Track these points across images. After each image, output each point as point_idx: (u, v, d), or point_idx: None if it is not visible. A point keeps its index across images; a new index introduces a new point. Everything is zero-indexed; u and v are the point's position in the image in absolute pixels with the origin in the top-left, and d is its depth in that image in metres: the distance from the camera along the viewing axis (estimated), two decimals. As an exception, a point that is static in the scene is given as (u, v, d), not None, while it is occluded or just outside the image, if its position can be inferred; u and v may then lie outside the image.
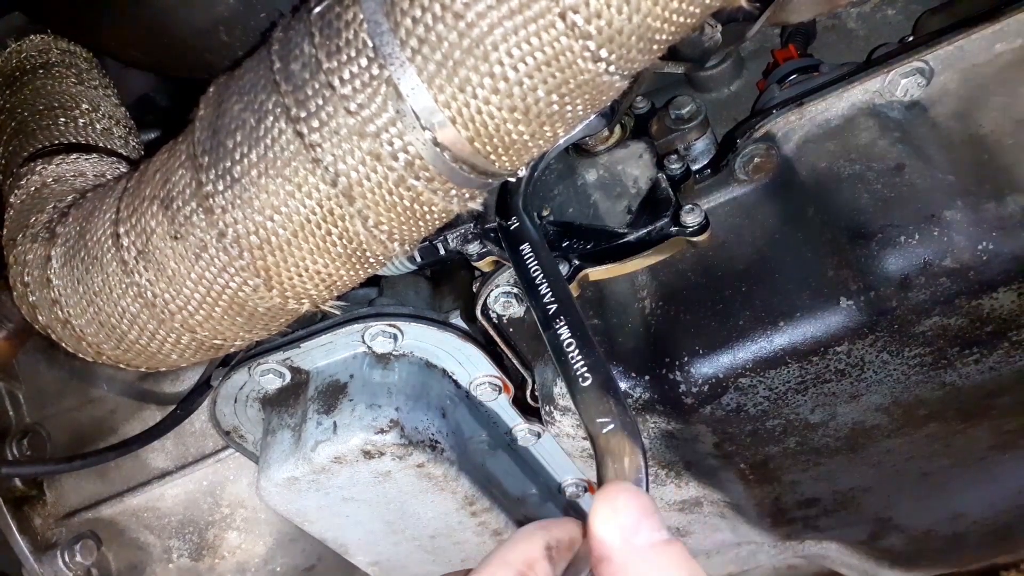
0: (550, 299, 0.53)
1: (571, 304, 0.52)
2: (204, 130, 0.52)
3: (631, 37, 0.43)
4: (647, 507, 0.38)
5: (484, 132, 0.46)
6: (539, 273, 0.57)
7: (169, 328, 0.57)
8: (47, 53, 0.81)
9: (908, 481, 0.86)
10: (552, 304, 0.53)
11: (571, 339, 0.49)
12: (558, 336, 0.50)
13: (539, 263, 0.58)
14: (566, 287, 0.54)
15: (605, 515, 0.38)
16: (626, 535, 0.37)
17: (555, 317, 0.52)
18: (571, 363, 0.48)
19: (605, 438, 0.42)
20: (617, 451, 0.41)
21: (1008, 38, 0.68)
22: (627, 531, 0.37)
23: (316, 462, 0.77)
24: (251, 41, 0.67)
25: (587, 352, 0.48)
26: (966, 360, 0.69)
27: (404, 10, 0.44)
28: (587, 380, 0.46)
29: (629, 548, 0.37)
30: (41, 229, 0.62)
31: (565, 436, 0.80)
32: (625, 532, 0.37)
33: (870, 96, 0.71)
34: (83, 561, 1.03)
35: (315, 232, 0.50)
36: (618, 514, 0.38)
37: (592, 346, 0.48)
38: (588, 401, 0.45)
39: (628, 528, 0.37)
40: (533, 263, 0.58)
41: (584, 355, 0.48)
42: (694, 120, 0.75)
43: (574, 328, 0.50)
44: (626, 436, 0.41)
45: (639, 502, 0.38)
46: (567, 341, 0.49)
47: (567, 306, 0.52)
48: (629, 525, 0.37)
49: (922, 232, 0.64)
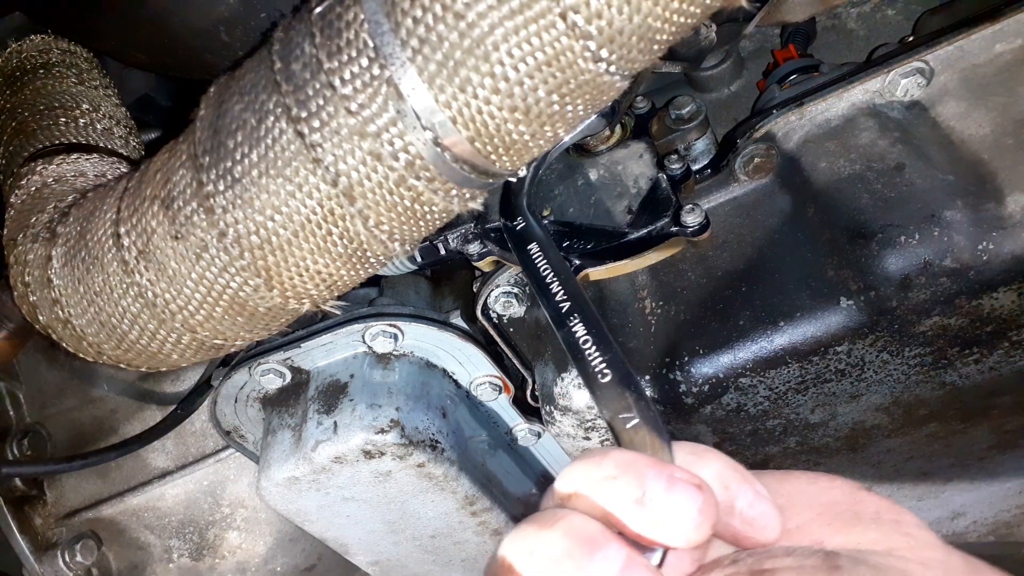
0: (562, 297, 0.53)
1: (584, 301, 0.52)
2: (205, 130, 0.52)
3: (632, 37, 0.43)
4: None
5: (485, 132, 0.46)
6: (549, 272, 0.56)
7: (170, 328, 0.57)
8: (48, 53, 0.81)
9: (908, 481, 0.86)
10: (565, 302, 0.52)
11: (587, 336, 0.49)
12: (573, 333, 0.49)
13: (548, 262, 0.58)
14: (577, 284, 0.54)
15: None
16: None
17: (569, 315, 0.51)
18: (588, 360, 0.47)
19: (629, 433, 0.41)
20: (643, 445, 0.40)
21: (1008, 38, 0.68)
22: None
23: (317, 462, 0.77)
24: (251, 41, 0.67)
25: (604, 348, 0.47)
26: (966, 360, 0.69)
27: (405, 10, 0.44)
28: (606, 376, 0.45)
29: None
30: (42, 229, 0.62)
31: (565, 436, 0.80)
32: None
33: (870, 96, 0.71)
34: (83, 561, 1.03)
35: (316, 232, 0.50)
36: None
37: (609, 341, 0.48)
38: (609, 397, 0.44)
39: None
40: (542, 262, 0.58)
41: (601, 351, 0.47)
42: (694, 120, 0.75)
43: (589, 324, 0.49)
44: (651, 430, 0.41)
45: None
46: (583, 338, 0.49)
47: (580, 303, 0.52)
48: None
49: (922, 232, 0.64)
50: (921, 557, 0.35)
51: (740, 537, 0.37)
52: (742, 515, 0.37)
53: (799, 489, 0.39)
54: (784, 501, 0.38)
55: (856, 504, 0.38)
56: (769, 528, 0.37)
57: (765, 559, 0.35)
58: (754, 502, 0.37)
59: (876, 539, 0.36)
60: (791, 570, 0.33)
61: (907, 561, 0.35)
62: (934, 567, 0.35)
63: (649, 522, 0.34)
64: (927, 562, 0.35)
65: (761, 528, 0.37)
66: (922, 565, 0.35)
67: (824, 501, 0.39)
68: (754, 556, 0.35)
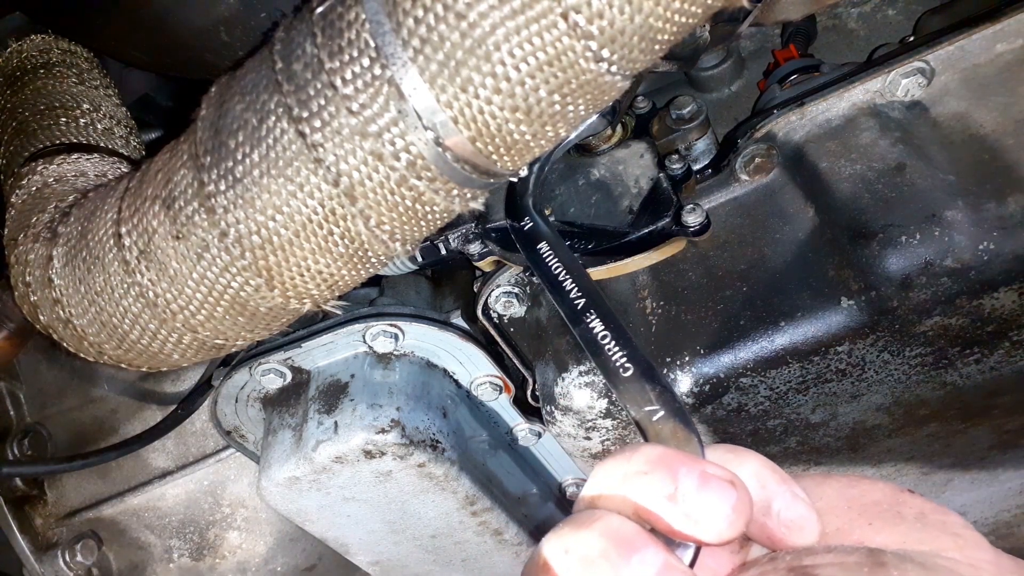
0: (576, 294, 0.53)
1: (599, 296, 0.51)
2: (206, 130, 0.52)
3: (633, 37, 0.43)
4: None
5: (486, 132, 0.46)
6: (561, 269, 0.56)
7: (171, 328, 0.57)
8: (48, 53, 0.81)
9: (908, 481, 0.86)
10: (579, 299, 0.52)
11: (605, 331, 0.48)
12: (591, 330, 0.49)
13: (559, 260, 0.57)
14: (591, 280, 0.53)
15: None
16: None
17: (585, 311, 0.51)
18: (609, 355, 0.46)
19: (656, 427, 0.41)
20: (670, 438, 0.40)
21: (1008, 38, 0.68)
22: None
23: (317, 462, 0.77)
24: (252, 41, 0.67)
25: (624, 342, 0.47)
26: (967, 360, 0.69)
27: (406, 10, 0.44)
28: (628, 370, 0.45)
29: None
30: (43, 229, 0.62)
31: (566, 436, 0.80)
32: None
33: (871, 96, 0.71)
34: (84, 561, 1.03)
35: (317, 232, 0.50)
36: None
37: (627, 335, 0.47)
38: (633, 391, 0.43)
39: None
40: (553, 260, 0.58)
41: (621, 345, 0.47)
42: (695, 120, 0.75)
43: (606, 320, 0.49)
44: (678, 422, 0.40)
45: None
46: (601, 333, 0.48)
47: (595, 299, 0.51)
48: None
49: (923, 232, 0.64)
50: (970, 558, 0.34)
51: (777, 539, 0.36)
52: (779, 516, 0.36)
53: (838, 492, 0.39)
54: (823, 504, 0.37)
55: (899, 504, 0.37)
56: (807, 530, 0.36)
57: (804, 556, 0.34)
58: (792, 503, 0.36)
59: (922, 539, 0.35)
60: (832, 566, 0.33)
61: (956, 562, 0.34)
62: (984, 568, 0.34)
63: (682, 518, 0.33)
64: (976, 563, 0.34)
65: (799, 530, 0.36)
66: (971, 566, 0.33)
67: (865, 502, 0.38)
68: (793, 554, 0.35)
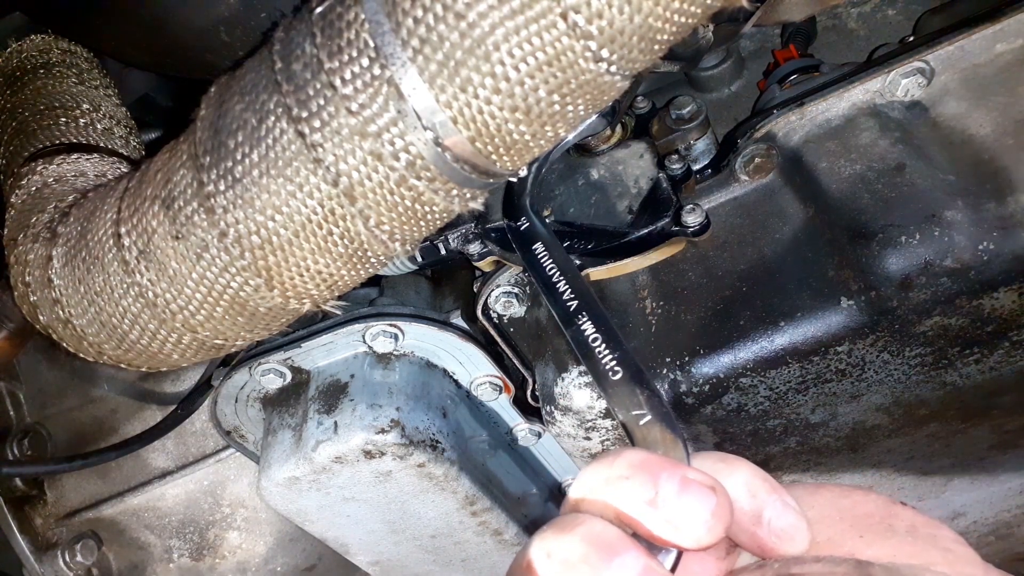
0: (569, 296, 0.53)
1: (592, 299, 0.52)
2: (205, 130, 0.52)
3: (632, 37, 0.43)
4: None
5: (485, 132, 0.46)
6: (555, 271, 0.56)
7: (170, 328, 0.57)
8: (48, 53, 0.81)
9: (908, 481, 0.86)
10: (572, 301, 0.52)
11: (596, 334, 0.48)
12: (582, 332, 0.49)
13: (554, 261, 0.58)
14: (584, 282, 0.54)
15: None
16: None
17: (577, 313, 0.51)
18: (599, 358, 0.47)
19: (642, 431, 0.41)
20: (656, 443, 0.40)
21: (1008, 38, 0.68)
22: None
23: (317, 462, 0.77)
24: (252, 41, 0.67)
25: (614, 345, 0.47)
26: (967, 360, 0.69)
27: (406, 10, 0.44)
28: (617, 373, 0.45)
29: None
30: (42, 229, 0.62)
31: (566, 436, 0.80)
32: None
33: (871, 96, 0.71)
34: (84, 561, 1.03)
35: (316, 232, 0.50)
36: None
37: (618, 339, 0.48)
38: (621, 394, 0.44)
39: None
40: (548, 261, 0.58)
41: (611, 348, 0.47)
42: (695, 120, 0.75)
43: (598, 322, 0.49)
44: (664, 426, 0.40)
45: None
46: (592, 336, 0.49)
47: (588, 301, 0.52)
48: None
49: (923, 232, 0.64)
50: (960, 573, 0.34)
51: (767, 548, 0.36)
52: (769, 525, 0.36)
53: (830, 502, 0.39)
54: (814, 514, 0.37)
55: (890, 517, 0.37)
56: (797, 539, 0.36)
57: (792, 564, 0.34)
58: (782, 512, 0.36)
59: (912, 552, 0.35)
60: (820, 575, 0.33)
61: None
62: None
63: (662, 523, 0.33)
64: None
65: (789, 539, 0.36)
66: None
67: (857, 514, 0.38)
68: (781, 562, 0.35)
